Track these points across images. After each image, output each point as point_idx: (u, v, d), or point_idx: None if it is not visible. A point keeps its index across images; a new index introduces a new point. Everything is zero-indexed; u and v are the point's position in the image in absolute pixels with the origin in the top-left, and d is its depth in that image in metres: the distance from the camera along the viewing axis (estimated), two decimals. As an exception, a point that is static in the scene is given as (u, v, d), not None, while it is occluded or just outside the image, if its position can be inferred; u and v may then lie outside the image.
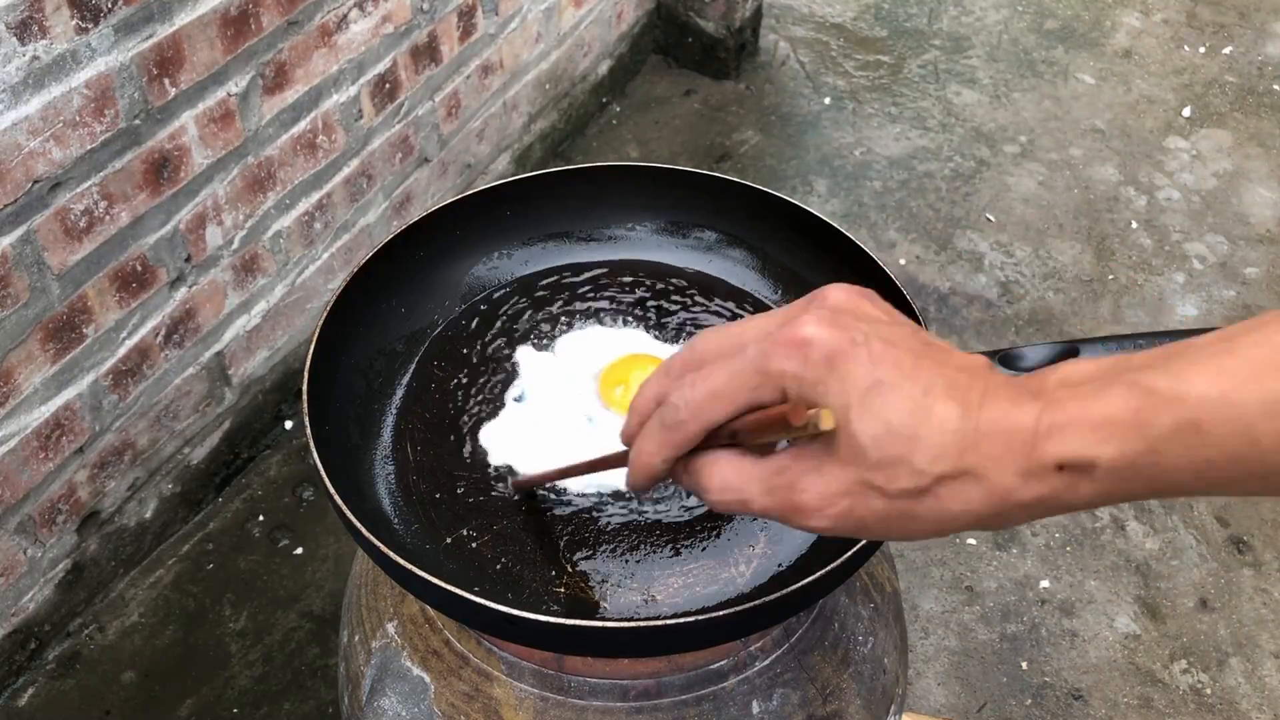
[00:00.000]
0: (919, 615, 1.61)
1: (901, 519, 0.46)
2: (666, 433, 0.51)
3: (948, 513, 0.45)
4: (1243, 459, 0.41)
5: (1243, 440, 0.40)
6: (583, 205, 0.95)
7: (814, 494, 0.46)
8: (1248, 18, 2.85)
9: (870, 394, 0.45)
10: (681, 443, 0.51)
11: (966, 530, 0.46)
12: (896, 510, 0.45)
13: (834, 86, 2.60)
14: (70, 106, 1.23)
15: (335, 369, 0.81)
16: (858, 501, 0.46)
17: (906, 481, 0.44)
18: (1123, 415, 0.42)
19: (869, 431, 0.44)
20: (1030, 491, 0.44)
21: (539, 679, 0.79)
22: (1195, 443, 0.41)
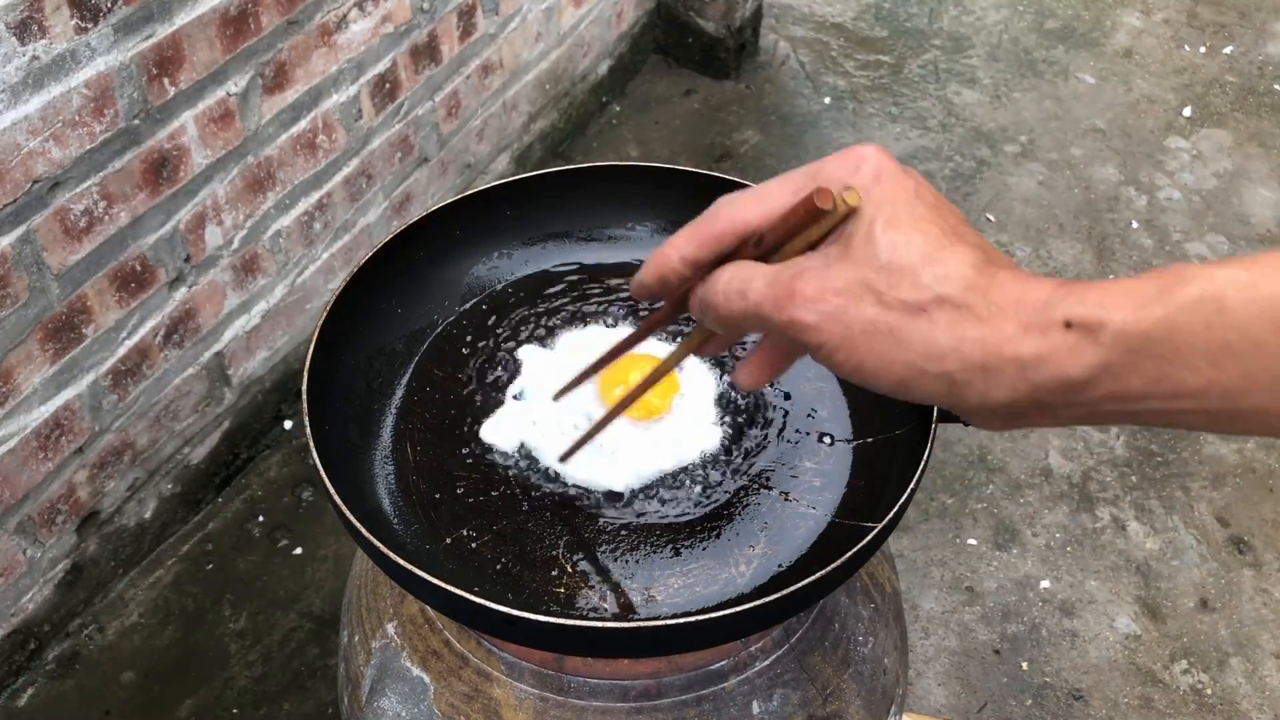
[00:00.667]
0: (919, 615, 1.61)
1: (887, 335, 0.44)
2: (696, 225, 0.50)
3: (935, 343, 0.43)
4: (1263, 348, 0.38)
5: (1267, 326, 0.38)
6: (583, 205, 0.95)
7: (814, 285, 0.45)
8: (1248, 18, 2.85)
9: (903, 208, 0.45)
10: (708, 236, 0.50)
11: (941, 383, 0.43)
12: (885, 323, 0.44)
13: (834, 86, 2.60)
14: (70, 106, 1.23)
15: (335, 369, 0.81)
16: (851, 301, 0.44)
17: (907, 292, 0.43)
18: (1144, 287, 0.40)
19: (889, 237, 0.44)
20: (1028, 346, 0.42)
21: (539, 679, 0.79)
22: (1216, 320, 0.39)
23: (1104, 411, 0.42)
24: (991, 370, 0.43)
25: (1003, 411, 0.44)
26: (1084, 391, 0.42)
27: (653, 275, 0.53)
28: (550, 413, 0.82)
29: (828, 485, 0.78)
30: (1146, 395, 0.41)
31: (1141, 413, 0.42)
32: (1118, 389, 0.41)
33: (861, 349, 0.45)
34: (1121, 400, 0.41)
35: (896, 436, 0.80)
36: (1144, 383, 0.40)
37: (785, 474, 0.79)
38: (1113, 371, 0.41)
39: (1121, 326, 0.40)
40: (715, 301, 0.49)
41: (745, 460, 0.80)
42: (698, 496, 0.78)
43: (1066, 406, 0.43)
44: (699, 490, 0.78)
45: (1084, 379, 0.41)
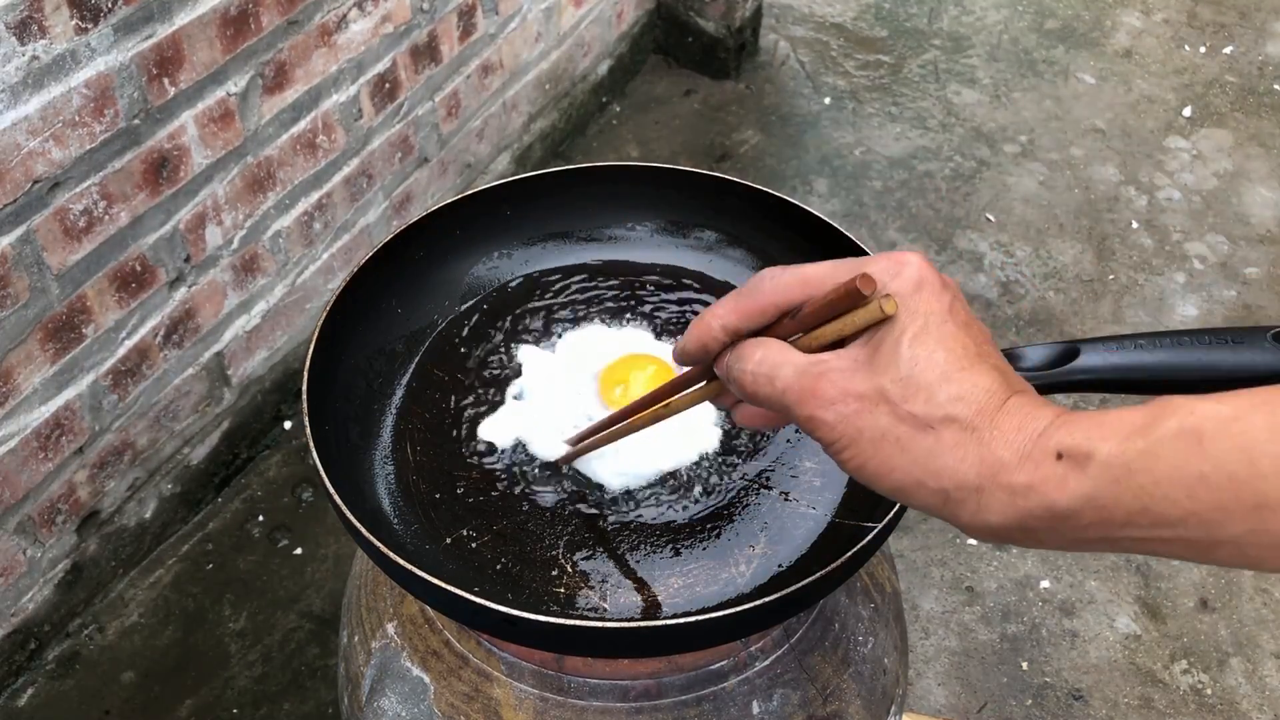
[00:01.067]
0: (919, 615, 1.61)
1: (894, 445, 0.47)
2: (739, 297, 0.54)
3: (936, 460, 0.46)
4: (1237, 481, 0.40)
5: (1242, 459, 0.40)
6: (583, 205, 0.95)
7: (836, 387, 0.48)
8: (1248, 18, 2.85)
9: (934, 322, 0.48)
10: (751, 310, 0.53)
11: (937, 497, 0.46)
12: (894, 435, 0.47)
13: (834, 86, 2.60)
14: (70, 106, 1.23)
15: (335, 369, 0.81)
16: (867, 408, 0.47)
17: (920, 408, 0.46)
18: (1132, 418, 0.42)
19: (914, 351, 0.47)
20: (1021, 475, 0.44)
21: (539, 679, 0.79)
22: (1193, 453, 0.41)
23: (1090, 539, 0.44)
24: (985, 493, 0.45)
25: (993, 532, 0.46)
26: (1070, 520, 0.43)
27: (695, 342, 0.56)
28: (550, 413, 0.82)
29: (828, 485, 0.78)
30: (1129, 524, 0.42)
31: (1125, 540, 0.43)
32: (1102, 518, 0.43)
33: (867, 453, 0.48)
34: (1105, 528, 0.43)
35: (896, 436, 0.80)
36: (1126, 513, 0.42)
37: (785, 474, 0.79)
38: (1097, 502, 0.42)
39: (1107, 458, 0.42)
40: (743, 380, 0.53)
41: (745, 460, 0.80)
42: (698, 496, 0.78)
43: (1052, 533, 0.45)
44: (699, 490, 0.78)
45: (1069, 509, 0.43)
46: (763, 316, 0.54)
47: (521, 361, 0.87)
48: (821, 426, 0.49)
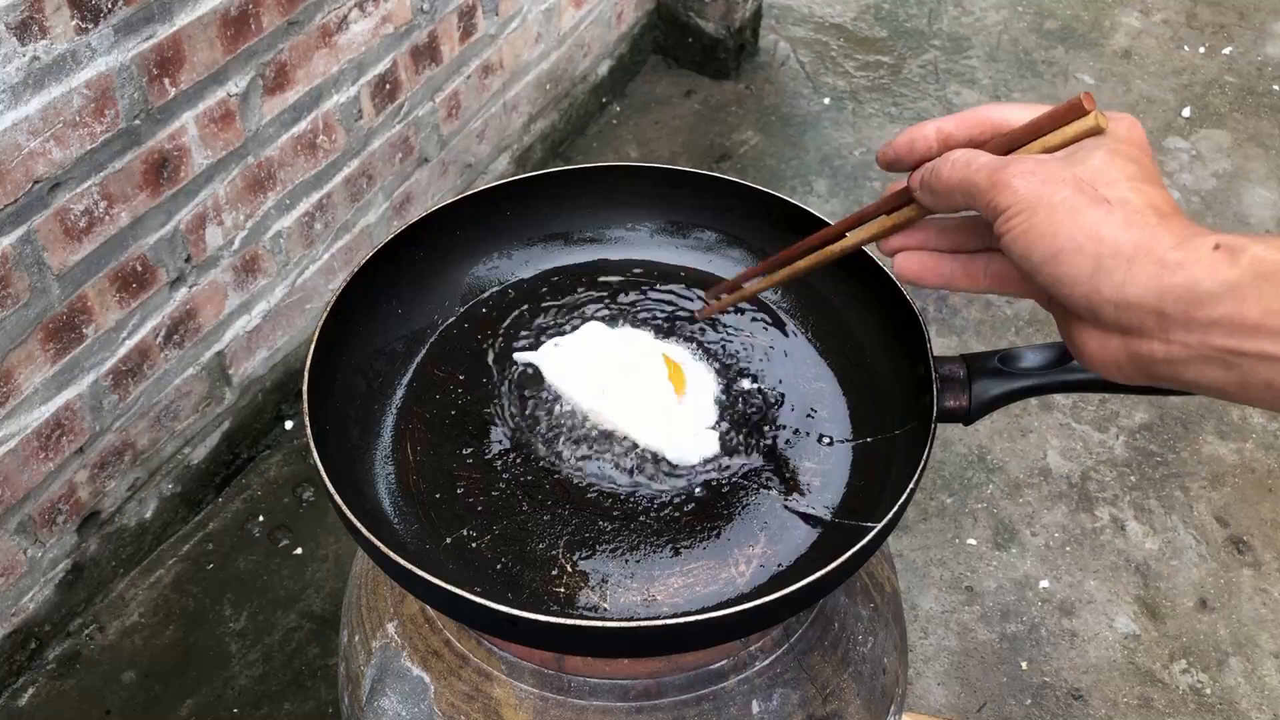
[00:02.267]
0: (919, 615, 1.61)
1: (1067, 212, 0.49)
2: (959, 113, 0.59)
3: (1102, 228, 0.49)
4: None
5: None
6: (583, 206, 0.95)
7: (1029, 164, 0.52)
8: (1247, 18, 2.85)
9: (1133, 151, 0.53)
10: (970, 119, 0.58)
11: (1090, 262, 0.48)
12: (1071, 202, 0.49)
13: (834, 87, 2.60)
14: (70, 107, 1.23)
15: (335, 369, 0.81)
16: (1052, 180, 0.50)
17: (1102, 188, 0.51)
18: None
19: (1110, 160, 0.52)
20: (1176, 254, 0.46)
21: (539, 679, 0.79)
22: None
23: (1214, 346, 0.46)
24: (1137, 263, 0.47)
25: (1127, 311, 0.48)
26: (1207, 307, 0.45)
27: (905, 140, 0.60)
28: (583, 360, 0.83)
29: (828, 485, 0.79)
30: (1260, 328, 0.44)
31: (1248, 355, 0.45)
32: (1236, 313, 0.45)
33: (1039, 216, 0.50)
34: (1234, 331, 0.45)
35: (896, 436, 0.80)
36: (1261, 313, 0.44)
37: (785, 474, 0.79)
38: (1238, 293, 0.45)
39: (1258, 253, 0.45)
40: (942, 167, 0.55)
41: (744, 460, 0.80)
42: (698, 496, 0.78)
43: (1184, 326, 0.46)
44: (699, 490, 0.78)
45: (1211, 292, 0.45)
46: (977, 129, 0.58)
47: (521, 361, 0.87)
48: (1005, 190, 0.51)
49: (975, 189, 0.53)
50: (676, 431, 0.81)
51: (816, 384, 0.86)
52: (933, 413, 0.74)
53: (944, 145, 0.59)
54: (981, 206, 0.53)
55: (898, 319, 0.82)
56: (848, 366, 0.87)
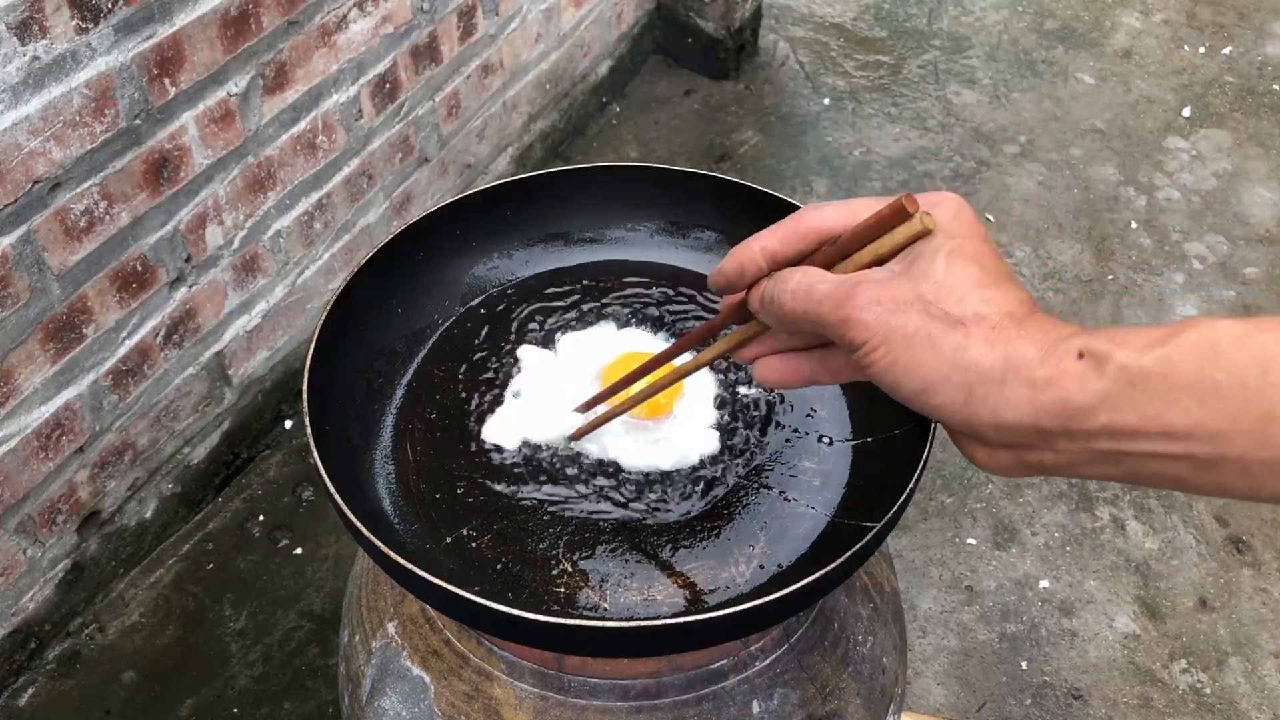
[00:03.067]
0: (918, 615, 1.61)
1: (924, 341, 0.49)
2: (782, 224, 0.56)
3: (963, 354, 0.48)
4: (1248, 390, 0.41)
5: (1255, 369, 0.41)
6: (583, 205, 0.95)
7: (874, 290, 0.50)
8: (1247, 18, 2.85)
9: (969, 244, 0.51)
10: (793, 234, 0.55)
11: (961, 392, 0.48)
12: (925, 331, 0.49)
13: (834, 87, 2.60)
14: (70, 106, 1.23)
15: (335, 369, 0.81)
16: (901, 309, 0.49)
17: (952, 307, 0.49)
18: (1155, 332, 0.44)
19: (949, 263, 0.50)
20: (1043, 370, 0.46)
21: (539, 679, 0.79)
22: (1208, 362, 0.42)
23: (1098, 450, 0.46)
24: (1007, 386, 0.47)
25: (1008, 433, 0.48)
26: (1083, 420, 0.45)
27: (734, 265, 0.57)
28: (551, 409, 0.82)
29: (827, 485, 0.79)
30: (1139, 432, 0.44)
31: (1131, 455, 0.45)
32: (1114, 422, 0.44)
33: (898, 350, 0.49)
34: (1115, 436, 0.45)
35: (896, 436, 0.80)
36: (1138, 419, 0.44)
37: (785, 474, 0.79)
38: (1112, 403, 0.44)
39: (1125, 360, 0.44)
40: (782, 298, 0.54)
41: (744, 460, 0.80)
42: (697, 496, 0.78)
43: (1066, 436, 0.46)
44: (698, 490, 0.78)
45: (1084, 405, 0.45)
46: (802, 242, 0.55)
47: (521, 360, 0.87)
48: (856, 326, 0.50)
49: (823, 322, 0.52)
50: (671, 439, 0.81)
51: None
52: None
53: (773, 264, 0.56)
54: (834, 339, 0.52)
55: (898, 319, 0.82)
56: (848, 366, 0.87)
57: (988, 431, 0.48)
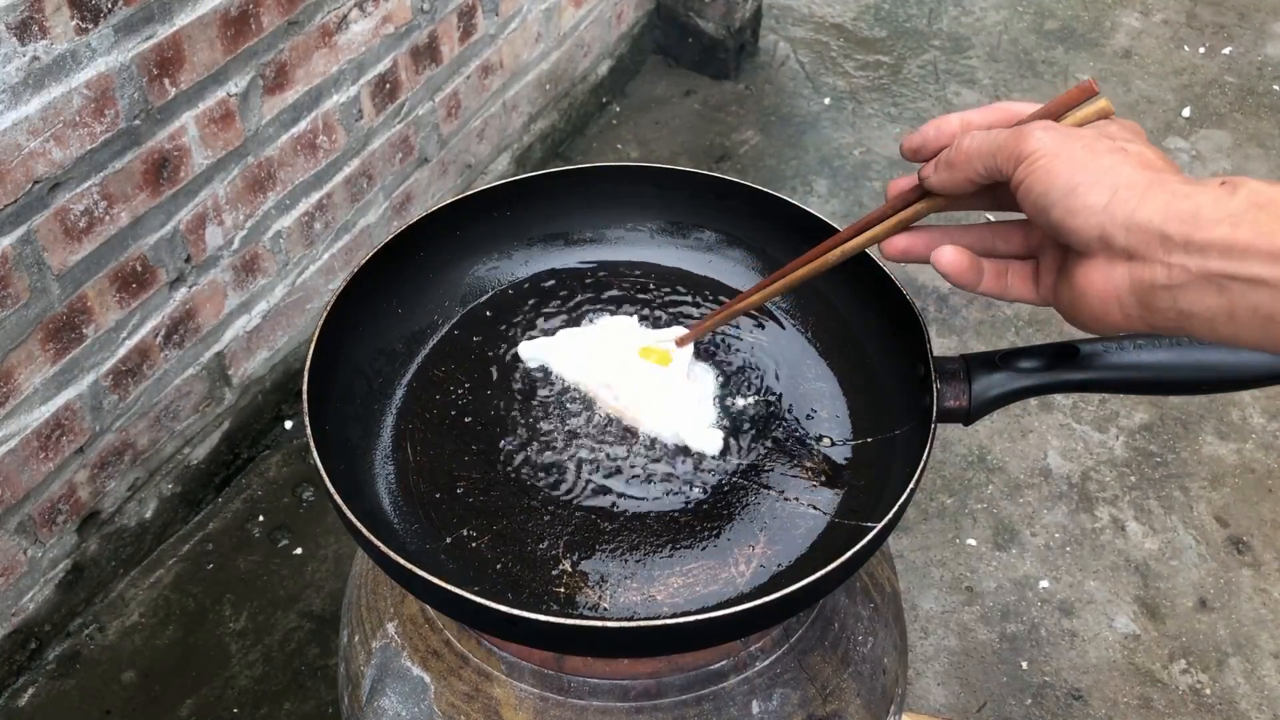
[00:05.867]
0: (919, 615, 1.61)
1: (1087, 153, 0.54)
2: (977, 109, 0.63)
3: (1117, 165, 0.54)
4: None
5: None
6: (583, 206, 0.95)
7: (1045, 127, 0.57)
8: (1247, 18, 2.85)
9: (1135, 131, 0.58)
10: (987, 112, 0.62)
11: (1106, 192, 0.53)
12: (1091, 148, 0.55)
13: (834, 87, 2.60)
14: (70, 107, 1.23)
15: (335, 369, 0.81)
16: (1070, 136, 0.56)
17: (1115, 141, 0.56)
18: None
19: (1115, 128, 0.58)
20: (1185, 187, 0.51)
21: (539, 679, 0.79)
22: None
23: (1209, 271, 0.50)
24: (1150, 191, 0.52)
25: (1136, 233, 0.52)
26: (1206, 230, 0.50)
27: (932, 126, 0.64)
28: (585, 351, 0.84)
29: (827, 485, 0.79)
30: (1250, 250, 0.49)
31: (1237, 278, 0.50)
32: (1231, 236, 0.49)
33: (1060, 159, 0.55)
34: (1228, 254, 0.49)
35: (896, 436, 0.80)
36: (1253, 235, 0.49)
37: (785, 474, 0.79)
38: (1234, 218, 0.49)
39: (1256, 187, 0.50)
40: (963, 140, 0.60)
41: (744, 460, 0.80)
42: (698, 496, 0.78)
43: (1184, 249, 0.51)
44: (699, 490, 0.78)
45: (1211, 217, 0.50)
46: (998, 117, 0.62)
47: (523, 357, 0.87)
48: (1027, 140, 0.56)
49: (998, 148, 0.57)
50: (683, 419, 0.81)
51: (816, 384, 0.86)
52: (933, 413, 0.74)
53: (967, 129, 0.62)
54: (1003, 160, 0.57)
55: (898, 319, 0.82)
56: (848, 366, 0.87)
57: (1118, 232, 0.52)
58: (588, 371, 0.84)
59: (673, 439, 0.81)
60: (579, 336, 0.88)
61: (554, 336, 0.88)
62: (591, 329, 0.89)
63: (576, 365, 0.85)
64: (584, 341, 0.87)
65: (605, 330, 0.88)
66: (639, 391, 0.82)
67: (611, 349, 0.85)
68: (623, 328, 0.88)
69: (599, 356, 0.85)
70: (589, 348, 0.86)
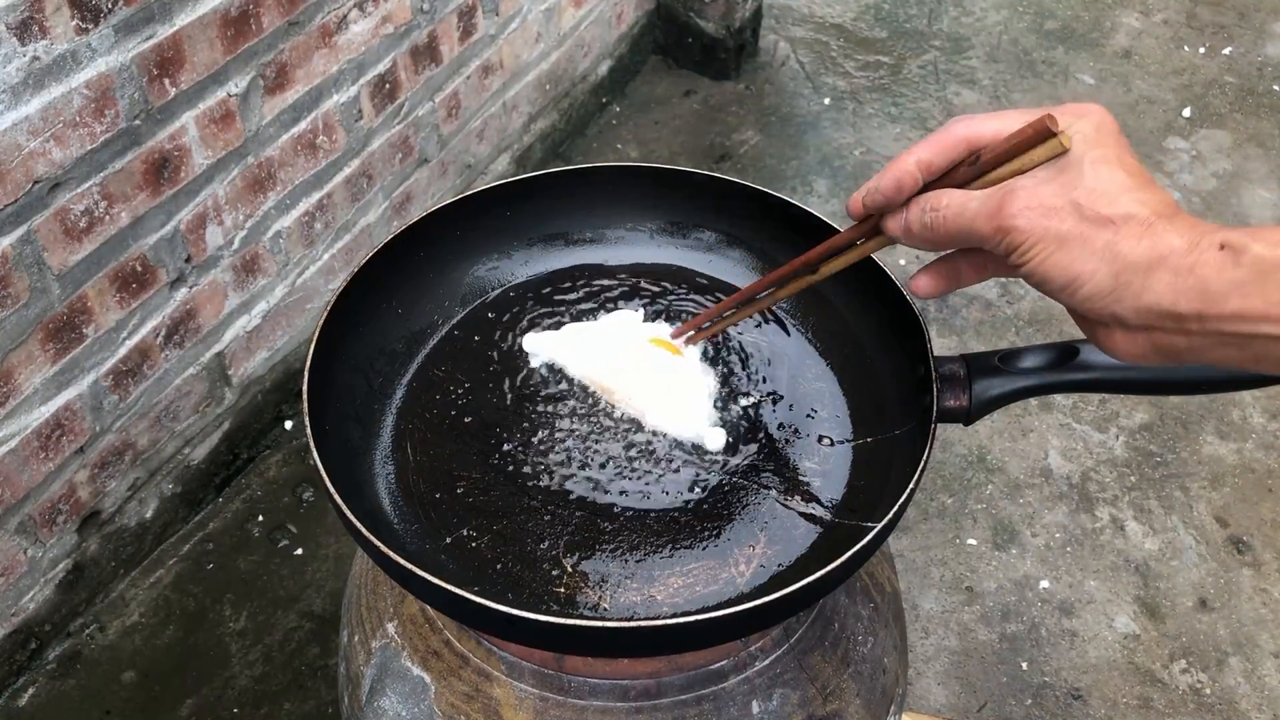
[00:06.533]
0: (919, 615, 1.61)
1: (1077, 240, 0.53)
2: (932, 136, 0.59)
3: (1114, 247, 0.52)
4: None
5: None
6: (583, 206, 0.95)
7: (1025, 197, 0.54)
8: (1247, 18, 2.85)
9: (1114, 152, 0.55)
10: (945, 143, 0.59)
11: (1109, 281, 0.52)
12: (1079, 231, 0.53)
13: (834, 87, 2.60)
14: (70, 107, 1.23)
15: (335, 369, 0.81)
16: (1054, 212, 0.54)
17: (1104, 209, 0.53)
18: None
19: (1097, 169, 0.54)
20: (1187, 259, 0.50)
21: (539, 679, 0.79)
22: None
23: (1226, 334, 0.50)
24: (1153, 274, 0.51)
25: (1148, 316, 0.52)
26: (1217, 304, 0.50)
27: (890, 182, 0.60)
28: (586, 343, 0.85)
29: (827, 485, 0.79)
30: (1266, 317, 0.49)
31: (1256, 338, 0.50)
32: (1243, 308, 0.50)
33: (1051, 248, 0.54)
34: (1243, 320, 0.50)
35: (896, 437, 0.80)
36: (1265, 304, 0.49)
37: (785, 474, 0.79)
38: (1243, 290, 0.49)
39: (1260, 252, 0.49)
40: (937, 221, 0.58)
41: (745, 460, 0.80)
42: (698, 496, 0.78)
43: (1199, 320, 0.51)
44: (699, 490, 0.78)
45: (1219, 292, 0.50)
46: (954, 151, 0.59)
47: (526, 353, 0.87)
48: (1012, 231, 0.54)
49: (980, 237, 0.56)
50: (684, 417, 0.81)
51: (816, 384, 0.86)
52: (933, 413, 0.74)
53: (927, 175, 0.60)
54: (990, 249, 0.57)
55: (898, 319, 0.82)
56: (848, 366, 0.87)
57: (1129, 315, 0.52)
58: (594, 362, 0.84)
59: (676, 433, 0.81)
60: (585, 329, 0.88)
61: (560, 330, 0.89)
62: (597, 323, 0.89)
63: (583, 357, 0.85)
64: (591, 334, 0.87)
65: (611, 323, 0.89)
66: (647, 381, 0.82)
67: (619, 341, 0.85)
68: (628, 321, 0.89)
69: (606, 348, 0.85)
70: (596, 340, 0.86)
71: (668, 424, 0.81)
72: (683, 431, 0.81)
